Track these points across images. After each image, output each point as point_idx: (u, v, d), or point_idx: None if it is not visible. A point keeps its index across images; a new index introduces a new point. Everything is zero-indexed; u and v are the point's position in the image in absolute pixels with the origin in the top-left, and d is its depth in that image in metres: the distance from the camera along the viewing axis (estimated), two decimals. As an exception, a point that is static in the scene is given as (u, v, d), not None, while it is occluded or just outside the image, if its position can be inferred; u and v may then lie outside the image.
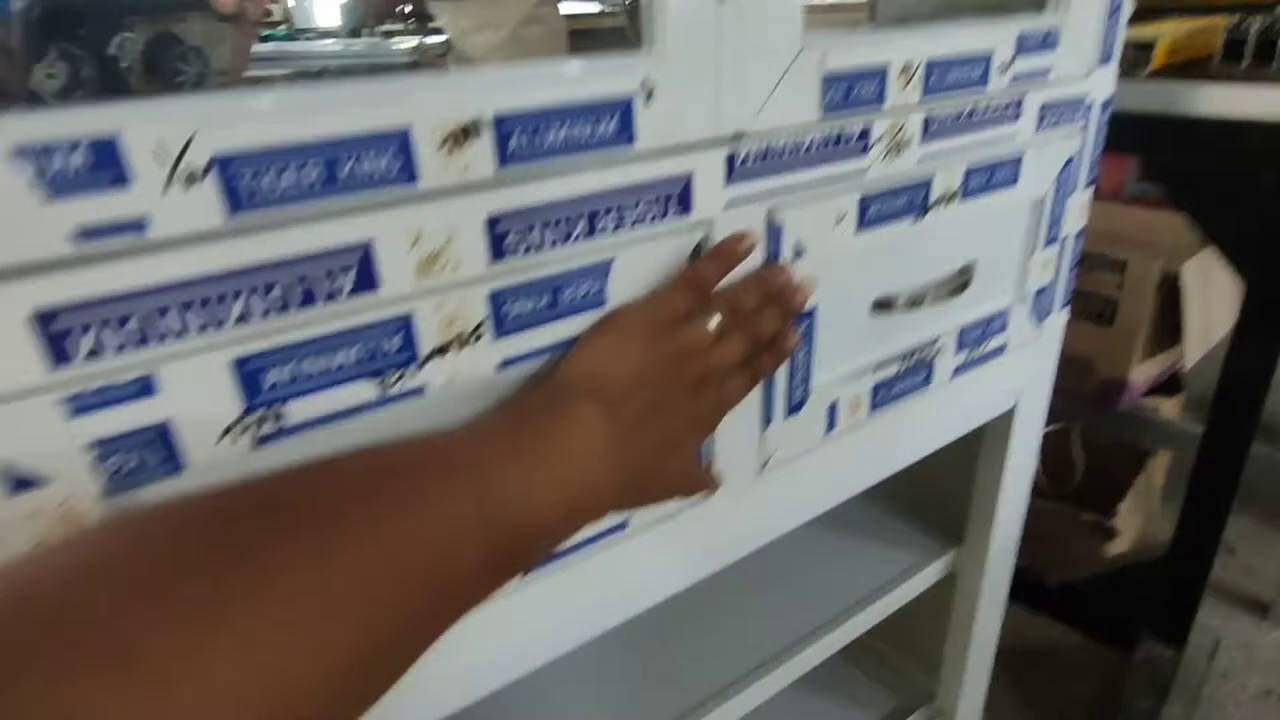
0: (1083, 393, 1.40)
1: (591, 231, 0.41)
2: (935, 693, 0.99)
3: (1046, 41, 0.59)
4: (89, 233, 0.29)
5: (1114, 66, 0.67)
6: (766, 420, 0.55)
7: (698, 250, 0.46)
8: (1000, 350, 0.71)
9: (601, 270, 0.42)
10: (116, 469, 0.32)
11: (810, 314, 0.54)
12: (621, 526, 0.50)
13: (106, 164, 0.28)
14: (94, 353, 0.30)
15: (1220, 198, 0.95)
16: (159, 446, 0.33)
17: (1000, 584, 0.90)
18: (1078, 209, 0.71)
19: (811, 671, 1.07)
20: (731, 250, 0.46)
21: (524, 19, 1.55)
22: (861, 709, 1.00)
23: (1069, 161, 0.67)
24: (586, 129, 0.39)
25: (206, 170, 0.30)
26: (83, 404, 0.30)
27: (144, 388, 0.32)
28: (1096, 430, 1.40)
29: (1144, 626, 1.05)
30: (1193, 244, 1.26)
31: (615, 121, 0.40)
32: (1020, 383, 0.76)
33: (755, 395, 0.53)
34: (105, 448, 0.31)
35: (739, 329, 0.45)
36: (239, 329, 0.33)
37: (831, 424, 0.60)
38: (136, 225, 0.30)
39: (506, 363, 0.41)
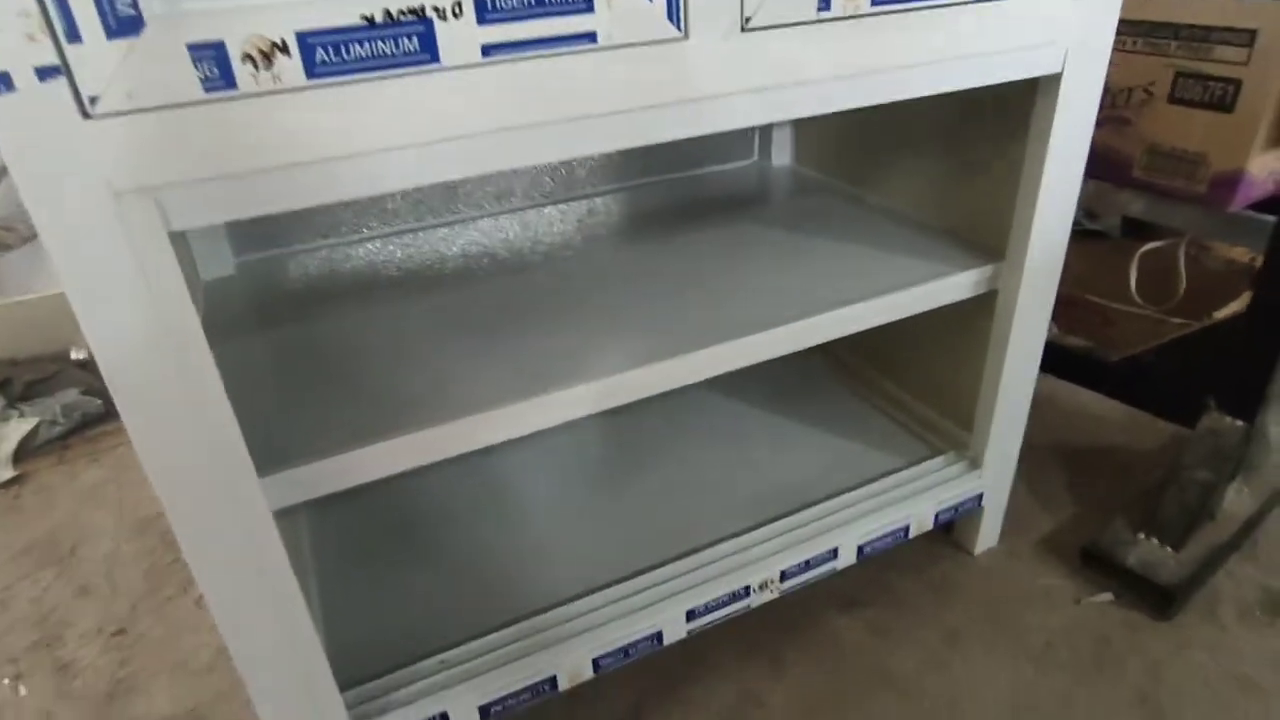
0: (1192, 195, 1.28)
1: None
2: (969, 441, 0.97)
3: None
4: None
5: None
6: (750, -33, 0.55)
7: None
8: (1039, -12, 0.66)
9: None
10: None
11: None
12: (592, 36, 0.52)
13: None
14: None
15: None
16: None
17: (1040, 305, 0.86)
18: None
19: (846, 423, 1.07)
20: None
21: None
22: (893, 454, 0.99)
23: None
24: None
25: None
26: None
27: None
28: (1205, 239, 1.28)
29: (1210, 399, 0.97)
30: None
31: None
32: (1061, 39, 0.70)
33: (737, -68, 0.53)
34: None
35: None
36: None
37: (825, 1, 0.58)
38: None
39: None
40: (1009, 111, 0.80)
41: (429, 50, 0.48)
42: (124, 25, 0.41)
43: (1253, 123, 1.17)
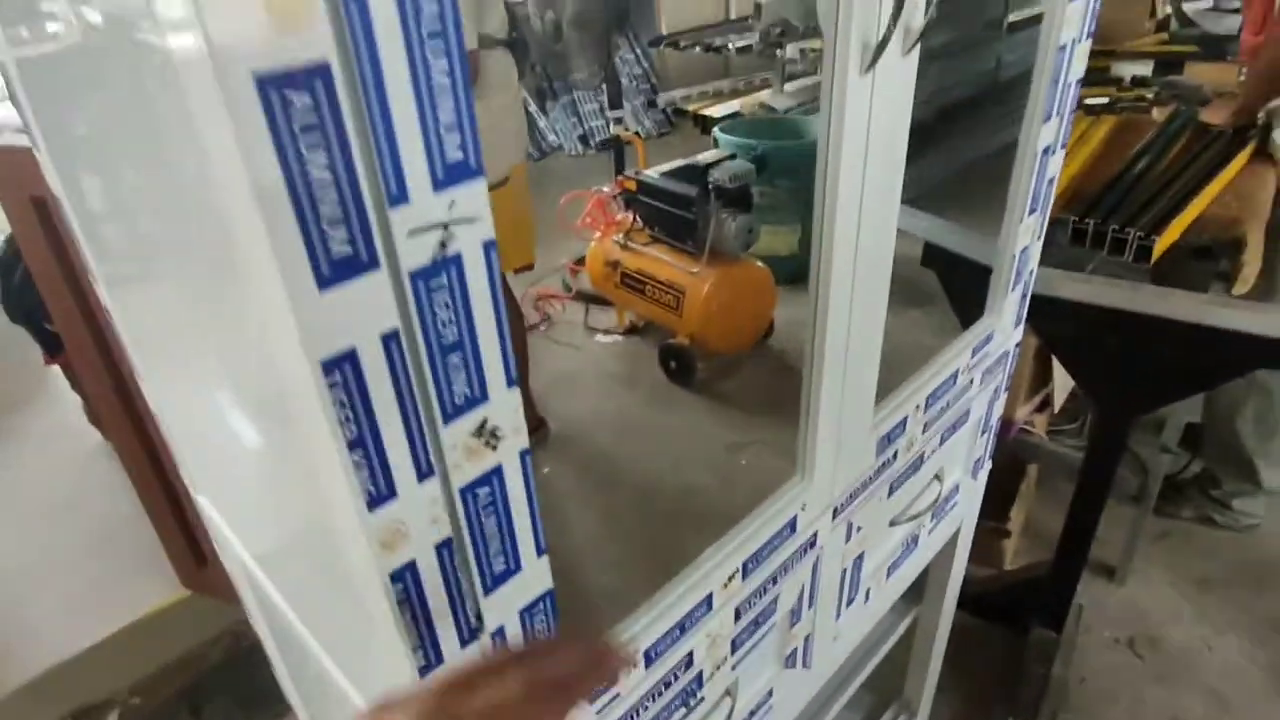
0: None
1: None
2: (903, 688, 1.39)
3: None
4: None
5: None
6: (836, 617, 0.87)
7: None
8: (953, 502, 1.06)
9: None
10: None
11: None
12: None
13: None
14: None
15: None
16: None
17: (945, 623, 1.29)
18: (998, 410, 1.06)
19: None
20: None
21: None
22: (848, 709, 1.39)
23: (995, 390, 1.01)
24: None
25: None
26: None
27: None
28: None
29: (1034, 617, 1.49)
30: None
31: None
32: (962, 513, 1.12)
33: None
34: None
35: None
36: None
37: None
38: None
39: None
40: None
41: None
42: None
43: (1016, 391, 1.70)
